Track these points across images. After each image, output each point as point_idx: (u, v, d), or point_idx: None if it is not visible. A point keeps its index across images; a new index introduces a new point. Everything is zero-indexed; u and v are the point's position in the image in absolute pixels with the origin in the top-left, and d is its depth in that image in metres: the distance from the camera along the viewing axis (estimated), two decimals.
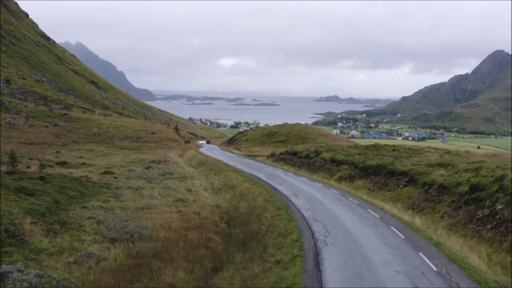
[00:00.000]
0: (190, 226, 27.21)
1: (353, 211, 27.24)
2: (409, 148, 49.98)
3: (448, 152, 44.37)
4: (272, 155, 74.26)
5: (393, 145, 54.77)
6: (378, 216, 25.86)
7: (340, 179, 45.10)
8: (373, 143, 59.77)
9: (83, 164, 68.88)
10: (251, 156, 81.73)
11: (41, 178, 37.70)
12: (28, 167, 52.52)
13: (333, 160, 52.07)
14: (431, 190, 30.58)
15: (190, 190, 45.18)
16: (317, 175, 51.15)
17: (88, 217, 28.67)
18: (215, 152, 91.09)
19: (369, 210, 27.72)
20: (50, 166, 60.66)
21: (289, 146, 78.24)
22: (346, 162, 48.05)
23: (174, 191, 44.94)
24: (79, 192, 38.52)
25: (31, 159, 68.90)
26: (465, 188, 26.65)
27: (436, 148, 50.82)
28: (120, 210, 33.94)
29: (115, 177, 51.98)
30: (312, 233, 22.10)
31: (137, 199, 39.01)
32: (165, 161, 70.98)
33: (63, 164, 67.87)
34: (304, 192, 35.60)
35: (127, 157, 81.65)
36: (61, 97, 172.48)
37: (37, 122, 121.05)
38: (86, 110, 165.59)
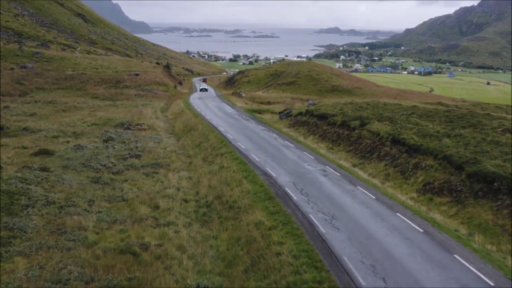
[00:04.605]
0: None
1: None
2: None
3: None
4: (287, 114, 53.48)
5: (486, 114, 34.13)
6: None
7: (428, 189, 24.60)
8: (437, 102, 39.13)
9: (25, 129, 49.99)
10: (257, 112, 60.87)
11: None
12: None
13: (395, 141, 31.70)
14: None
15: (157, 208, 25.32)
16: (372, 167, 30.84)
17: None
18: (210, 105, 69.74)
19: None
20: None
21: (310, 101, 57.46)
22: (429, 151, 27.53)
23: (129, 208, 25.25)
24: None
25: None
26: None
27: None
28: None
29: (45, 169, 32.32)
30: None
31: (41, 253, 19.54)
32: (137, 124, 50.64)
33: None
34: (409, 275, 14.94)
35: (92, 114, 61.70)
36: (40, 33, 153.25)
37: (2, 64, 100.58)
38: (66, 47, 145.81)
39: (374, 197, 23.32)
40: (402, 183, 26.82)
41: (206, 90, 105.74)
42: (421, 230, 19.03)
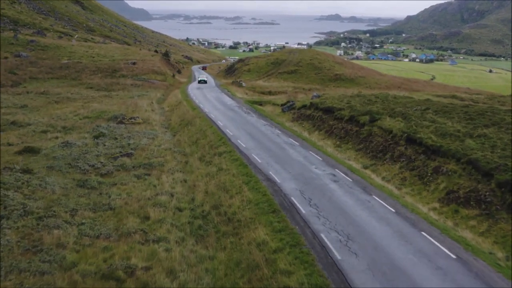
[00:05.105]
0: None
1: None
2: None
3: None
4: (290, 106, 50.59)
5: (508, 110, 31.30)
6: None
7: (452, 198, 21.84)
8: (451, 95, 36.28)
9: (13, 123, 47.28)
10: (258, 104, 57.96)
11: None
12: None
13: (411, 140, 28.89)
14: None
15: (147, 219, 22.59)
16: (385, 169, 28.05)
17: None
18: (208, 96, 66.67)
19: None
20: None
21: (314, 93, 54.47)
22: (450, 154, 24.75)
23: (116, 219, 22.71)
24: None
25: None
26: None
27: None
28: None
29: (28, 171, 29.76)
30: None
31: (11, 277, 17.05)
32: (131, 118, 47.77)
33: None
34: None
35: (85, 106, 58.82)
36: (37, 20, 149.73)
37: None
38: (63, 35, 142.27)
39: (393, 210, 20.39)
40: (421, 189, 23.99)
41: (205, 82, 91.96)
42: (454, 256, 16.13)
